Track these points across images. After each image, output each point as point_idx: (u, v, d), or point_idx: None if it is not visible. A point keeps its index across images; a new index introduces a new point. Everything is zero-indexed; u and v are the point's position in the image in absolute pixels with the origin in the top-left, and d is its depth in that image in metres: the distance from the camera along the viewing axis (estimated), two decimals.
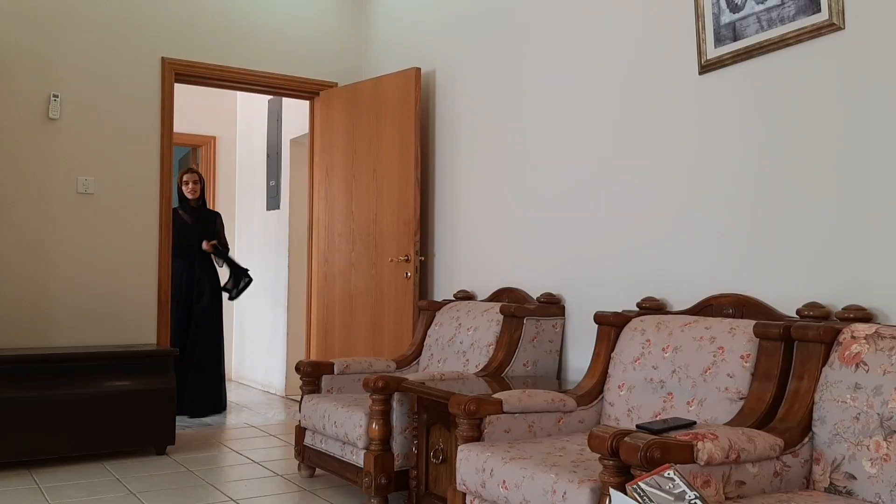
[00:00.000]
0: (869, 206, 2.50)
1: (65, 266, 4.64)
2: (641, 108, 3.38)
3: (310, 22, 5.47)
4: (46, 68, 4.62)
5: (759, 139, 2.87)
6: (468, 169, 4.50)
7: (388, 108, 4.87)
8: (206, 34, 5.09)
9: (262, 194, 7.14)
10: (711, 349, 2.65)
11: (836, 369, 2.24)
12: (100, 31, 4.76)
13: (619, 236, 3.46)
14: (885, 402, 2.08)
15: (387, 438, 3.39)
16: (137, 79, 4.87)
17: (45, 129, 4.61)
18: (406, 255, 4.69)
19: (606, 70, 3.57)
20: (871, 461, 2.07)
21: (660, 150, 3.29)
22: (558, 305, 3.74)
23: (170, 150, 4.98)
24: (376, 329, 4.90)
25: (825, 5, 2.59)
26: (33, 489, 3.69)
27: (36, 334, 4.54)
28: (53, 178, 4.62)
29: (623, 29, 3.48)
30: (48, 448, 4.10)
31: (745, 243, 2.91)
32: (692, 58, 3.11)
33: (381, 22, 5.43)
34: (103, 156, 4.76)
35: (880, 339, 2.18)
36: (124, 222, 4.80)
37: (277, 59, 5.32)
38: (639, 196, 3.38)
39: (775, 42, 2.77)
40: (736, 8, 2.91)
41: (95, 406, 4.22)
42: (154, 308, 4.89)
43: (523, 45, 4.09)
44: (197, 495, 3.66)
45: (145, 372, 4.42)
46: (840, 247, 2.57)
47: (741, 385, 2.52)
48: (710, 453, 1.99)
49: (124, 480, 3.87)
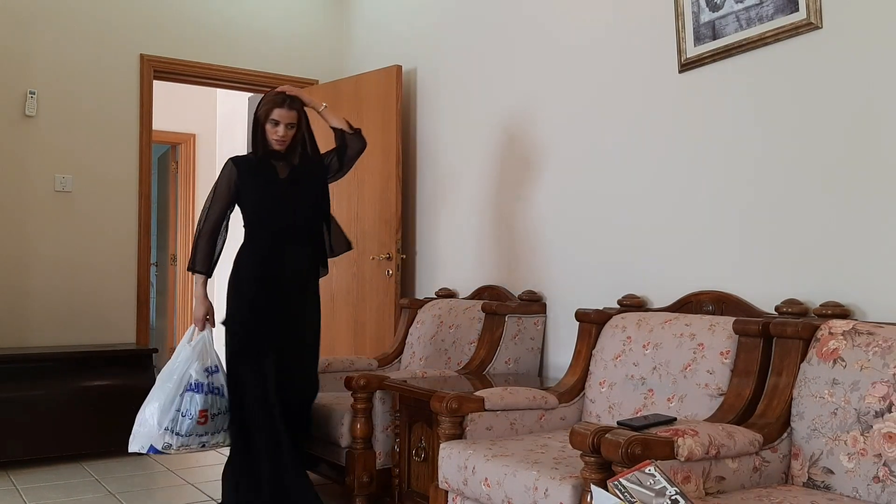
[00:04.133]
0: (847, 203, 2.53)
1: (43, 265, 4.59)
2: (621, 106, 3.39)
3: (291, 19, 5.44)
4: (23, 64, 4.56)
5: (739, 137, 2.89)
6: (450, 167, 4.50)
7: (369, 106, 4.85)
8: (186, 31, 5.06)
9: None
10: (691, 346, 2.67)
11: (814, 365, 2.26)
12: (77, 27, 4.71)
13: (600, 234, 3.48)
14: (862, 397, 2.10)
15: (369, 437, 3.38)
16: (116, 76, 4.82)
17: (21, 127, 4.55)
18: (388, 254, 4.68)
19: (586, 68, 3.58)
20: (849, 456, 2.09)
21: (639, 149, 3.30)
22: (540, 303, 3.75)
23: (149, 148, 4.94)
24: (358, 327, 4.88)
25: (803, 4, 2.61)
26: (10, 490, 3.65)
27: (13, 334, 4.49)
28: (31, 176, 4.57)
29: (603, 27, 3.49)
30: (26, 449, 4.06)
31: (724, 241, 2.93)
32: (672, 56, 3.12)
33: (363, 19, 5.41)
34: (81, 153, 4.71)
35: (857, 335, 2.20)
36: (103, 220, 4.76)
37: (258, 57, 5.29)
38: (619, 193, 3.39)
39: (754, 41, 2.79)
40: (715, 7, 2.93)
41: (74, 406, 4.18)
42: (133, 307, 4.85)
43: (505, 43, 4.09)
44: (177, 495, 3.63)
45: (125, 371, 4.38)
46: (818, 244, 2.60)
47: (721, 381, 2.54)
48: (690, 449, 2.00)
49: (104, 481, 3.84)
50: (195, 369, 3.14)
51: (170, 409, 3.07)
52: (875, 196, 2.45)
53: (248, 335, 3.23)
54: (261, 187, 3.30)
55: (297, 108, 3.27)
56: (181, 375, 3.13)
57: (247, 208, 3.35)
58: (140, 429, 3.09)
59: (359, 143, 3.49)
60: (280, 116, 3.21)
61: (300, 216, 3.34)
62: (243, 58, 5.24)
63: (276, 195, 3.30)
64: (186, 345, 3.20)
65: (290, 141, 3.27)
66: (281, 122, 3.22)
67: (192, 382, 3.12)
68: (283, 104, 3.21)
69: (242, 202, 3.35)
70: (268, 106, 3.22)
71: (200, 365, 3.16)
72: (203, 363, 3.17)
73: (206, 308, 3.28)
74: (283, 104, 3.21)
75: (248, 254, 3.32)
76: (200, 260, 3.30)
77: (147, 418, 3.09)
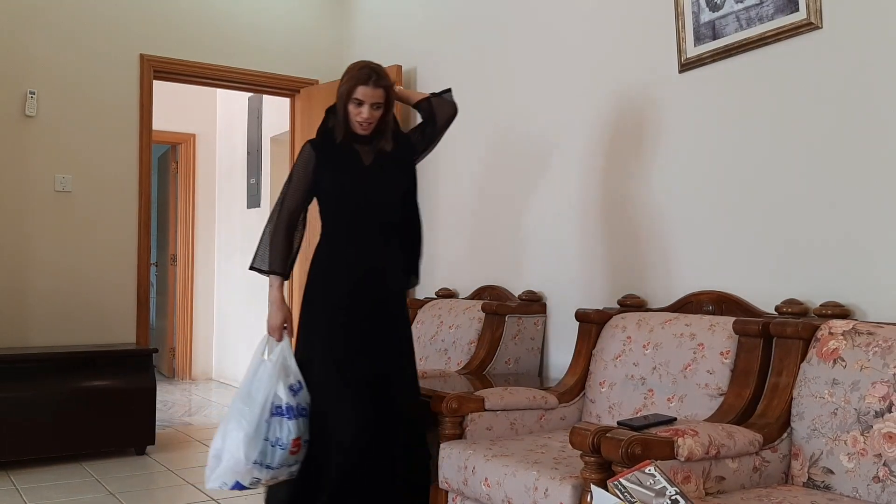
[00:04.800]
0: (847, 203, 2.53)
1: (43, 265, 4.58)
2: (622, 106, 3.39)
3: (290, 19, 5.44)
4: (23, 64, 4.56)
5: (739, 137, 2.88)
6: (448, 166, 4.50)
7: None
8: (186, 31, 5.05)
9: (243, 192, 7.10)
10: (691, 346, 2.67)
11: (815, 365, 2.26)
12: (77, 27, 4.71)
13: (600, 233, 3.47)
14: (862, 397, 2.10)
15: None
16: (116, 76, 4.82)
17: (21, 127, 4.55)
18: None
19: (587, 68, 3.57)
20: (849, 456, 2.09)
21: (639, 149, 3.30)
22: (540, 303, 3.75)
23: (149, 148, 4.94)
24: None
25: (803, 4, 2.61)
26: (10, 490, 3.65)
27: (13, 334, 4.49)
28: (30, 176, 4.57)
29: (604, 27, 3.49)
30: (26, 449, 4.05)
31: (724, 241, 2.93)
32: (672, 56, 3.12)
33: (362, 19, 5.41)
34: (81, 153, 4.71)
35: (857, 335, 2.20)
36: (103, 220, 4.76)
37: (258, 57, 5.29)
38: (619, 194, 3.39)
39: (754, 41, 2.79)
40: (715, 7, 2.93)
41: (74, 406, 4.17)
42: (133, 307, 4.84)
43: (505, 43, 4.09)
44: (177, 495, 3.63)
45: (125, 371, 4.38)
46: (818, 243, 2.60)
47: (721, 381, 2.54)
48: (690, 449, 2.00)
49: (103, 481, 3.83)
50: (281, 390, 2.62)
51: (258, 440, 2.56)
52: (876, 196, 2.44)
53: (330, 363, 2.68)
54: (341, 176, 2.78)
55: (385, 84, 2.74)
56: (265, 398, 2.60)
57: (325, 201, 2.84)
58: (221, 462, 2.59)
59: (449, 107, 2.96)
60: (364, 95, 2.70)
61: (388, 211, 2.82)
62: (243, 58, 5.24)
63: (359, 185, 2.77)
64: (265, 360, 2.69)
65: (377, 123, 2.76)
66: (365, 102, 2.70)
67: (282, 406, 2.61)
68: (367, 80, 2.69)
69: (321, 193, 2.83)
70: (350, 83, 2.71)
71: (284, 384, 2.64)
72: (286, 381, 2.65)
73: (284, 314, 2.77)
74: (369, 81, 2.69)
75: (326, 257, 2.81)
76: (276, 258, 2.79)
77: (231, 451, 2.56)
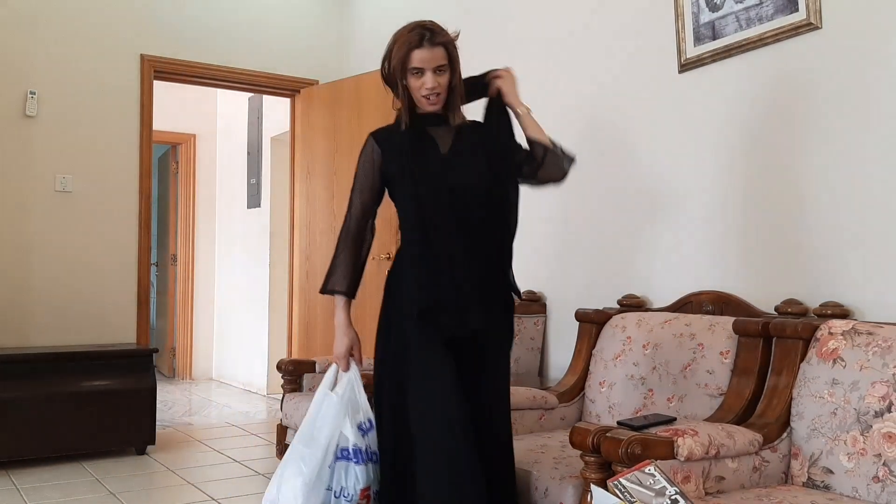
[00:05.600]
0: (846, 203, 2.53)
1: (43, 265, 4.59)
2: (621, 106, 3.40)
3: (291, 19, 5.45)
4: (23, 65, 4.56)
5: (738, 137, 2.89)
6: None
7: (369, 106, 4.86)
8: (186, 31, 5.06)
9: (243, 192, 7.10)
10: (691, 346, 2.67)
11: (814, 365, 2.27)
12: (78, 27, 4.72)
13: (600, 234, 3.48)
14: (862, 397, 2.10)
15: None
16: (116, 76, 4.82)
17: (22, 127, 4.55)
18: (388, 254, 4.68)
19: (587, 68, 3.58)
20: (849, 456, 2.09)
21: (639, 149, 3.30)
22: (540, 303, 3.75)
23: (149, 148, 4.94)
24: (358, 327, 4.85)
25: (803, 5, 2.62)
26: (11, 490, 3.65)
27: (14, 333, 4.49)
28: (31, 177, 4.57)
29: (603, 28, 3.49)
30: (26, 448, 4.06)
31: (724, 241, 2.93)
32: (672, 56, 3.12)
33: (363, 19, 5.41)
34: (82, 154, 4.71)
35: (857, 335, 2.20)
36: (103, 220, 4.76)
37: (258, 57, 5.30)
38: (619, 194, 3.39)
39: (754, 41, 2.80)
40: (715, 7, 2.93)
41: (74, 406, 4.18)
42: (134, 307, 4.85)
43: (505, 43, 4.09)
44: (177, 495, 3.64)
45: (125, 371, 4.38)
46: (818, 243, 2.60)
47: (721, 381, 2.55)
48: (690, 449, 2.01)
49: (104, 481, 3.84)
50: (349, 429, 2.23)
51: (318, 488, 2.17)
52: (875, 196, 2.45)
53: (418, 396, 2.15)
54: (415, 171, 2.26)
55: (443, 41, 2.22)
56: (329, 438, 2.21)
57: (399, 203, 2.37)
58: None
59: (557, 171, 2.39)
60: (422, 61, 2.18)
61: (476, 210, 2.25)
62: (243, 58, 5.24)
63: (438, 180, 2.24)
64: (330, 393, 2.31)
65: (446, 92, 2.26)
66: (426, 69, 2.19)
67: (349, 449, 2.22)
68: (421, 42, 2.18)
69: (394, 194, 2.39)
70: (401, 52, 2.20)
71: (353, 422, 2.25)
72: (355, 418, 2.26)
73: (351, 340, 2.42)
74: (423, 41, 2.18)
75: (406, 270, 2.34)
76: (339, 276, 2.41)
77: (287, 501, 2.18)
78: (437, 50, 2.20)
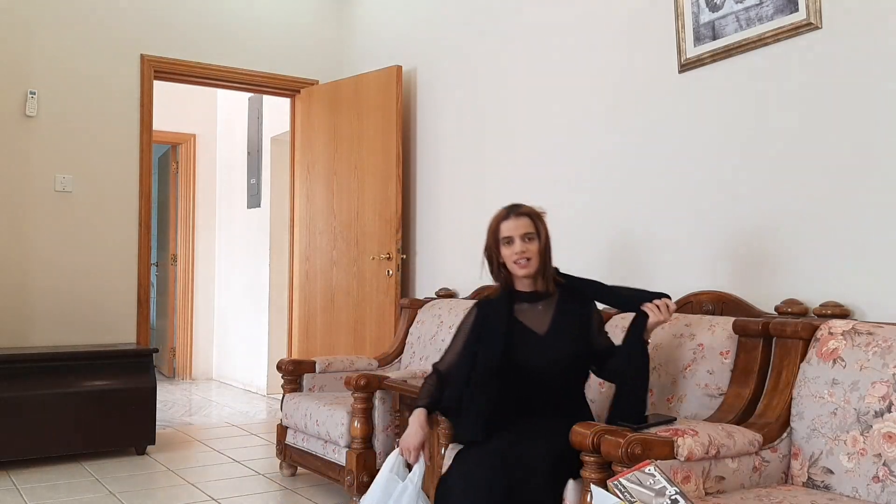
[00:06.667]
0: (847, 203, 2.53)
1: (43, 265, 4.59)
2: (622, 106, 3.39)
3: (291, 19, 5.45)
4: (23, 65, 4.57)
5: (738, 137, 2.89)
6: (450, 166, 4.50)
7: (369, 106, 4.86)
8: (186, 31, 5.06)
9: (243, 192, 7.10)
10: (691, 346, 2.67)
11: (814, 365, 2.27)
12: (78, 27, 4.72)
13: (600, 234, 3.48)
14: (862, 397, 2.10)
15: (369, 437, 3.39)
16: (116, 76, 4.82)
17: (21, 127, 4.55)
18: (388, 253, 4.68)
19: (587, 69, 3.58)
20: (849, 456, 2.09)
21: (640, 149, 3.30)
22: None
23: (149, 148, 4.94)
24: (358, 327, 4.89)
25: (803, 5, 2.62)
26: (11, 490, 3.65)
27: (13, 334, 4.49)
28: (31, 176, 4.57)
29: (603, 27, 3.49)
30: (26, 448, 4.06)
31: (723, 240, 2.93)
32: (672, 56, 3.12)
33: (363, 20, 5.42)
34: (81, 154, 4.71)
35: (857, 335, 2.20)
36: (103, 221, 4.76)
37: (258, 57, 5.30)
38: (620, 193, 3.39)
39: (753, 41, 2.79)
40: (715, 7, 2.93)
41: (74, 406, 4.18)
42: (134, 307, 4.85)
43: (505, 43, 4.09)
44: (177, 495, 3.64)
45: (125, 371, 4.38)
46: (818, 243, 2.60)
47: (721, 381, 2.54)
48: (690, 449, 2.01)
49: (104, 481, 3.84)
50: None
51: None
52: (875, 196, 2.45)
53: None
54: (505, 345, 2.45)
55: (527, 212, 2.51)
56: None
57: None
58: None
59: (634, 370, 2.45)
60: (510, 229, 2.48)
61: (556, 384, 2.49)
62: (243, 58, 5.24)
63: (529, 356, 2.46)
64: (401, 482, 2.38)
65: (537, 258, 2.49)
66: (514, 236, 2.47)
67: None
68: (507, 215, 2.51)
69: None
70: (493, 226, 2.53)
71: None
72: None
73: (423, 438, 2.49)
74: (509, 215, 2.50)
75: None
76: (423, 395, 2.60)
77: None
78: (522, 219, 2.49)
